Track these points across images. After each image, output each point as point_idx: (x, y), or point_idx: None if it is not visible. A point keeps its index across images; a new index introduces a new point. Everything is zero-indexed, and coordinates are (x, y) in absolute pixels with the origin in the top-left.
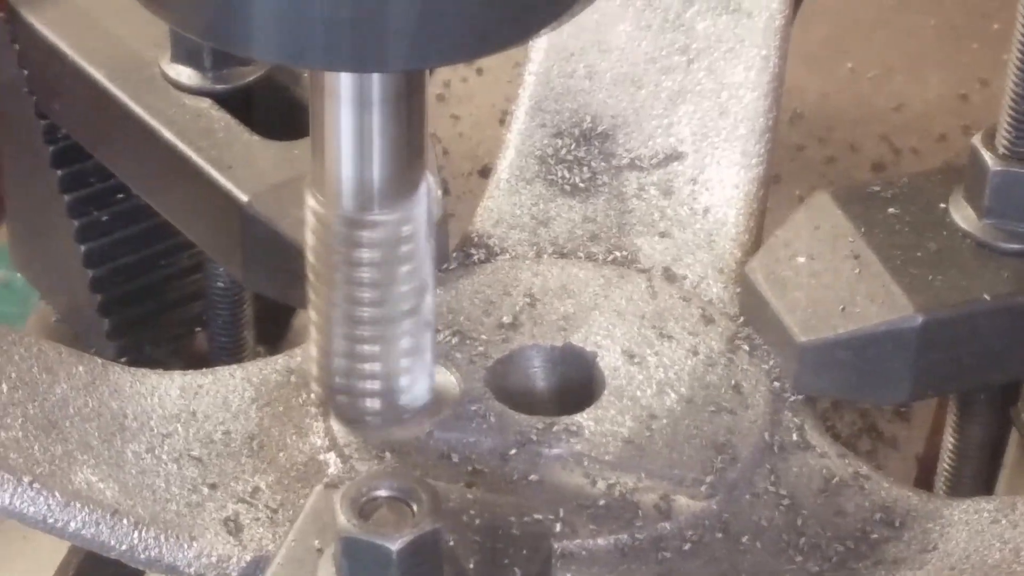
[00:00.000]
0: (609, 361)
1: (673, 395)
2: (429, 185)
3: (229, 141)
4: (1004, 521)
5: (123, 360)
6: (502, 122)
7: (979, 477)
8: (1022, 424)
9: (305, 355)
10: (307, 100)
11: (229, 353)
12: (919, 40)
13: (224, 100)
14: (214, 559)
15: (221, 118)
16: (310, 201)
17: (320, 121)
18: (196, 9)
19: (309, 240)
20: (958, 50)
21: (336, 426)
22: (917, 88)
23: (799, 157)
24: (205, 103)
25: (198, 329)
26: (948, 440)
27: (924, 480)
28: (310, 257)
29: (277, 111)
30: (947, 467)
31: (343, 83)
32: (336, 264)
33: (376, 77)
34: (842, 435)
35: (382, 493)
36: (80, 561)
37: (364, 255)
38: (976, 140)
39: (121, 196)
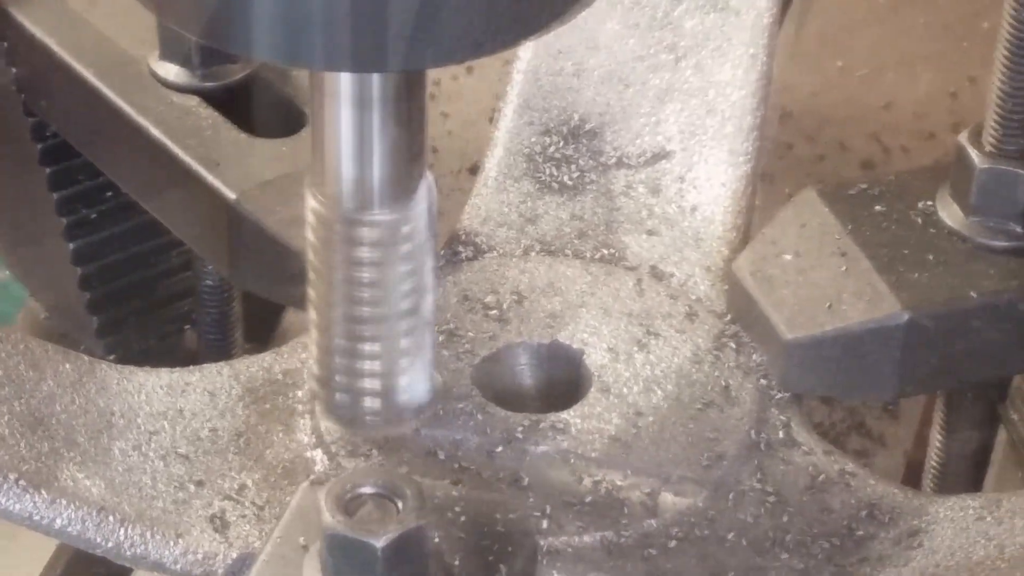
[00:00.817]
0: (596, 359)
1: (660, 392)
2: (429, 184)
3: (217, 139)
4: (989, 518)
5: (112, 357)
6: (492, 120)
7: (967, 474)
8: (1010, 421)
9: (305, 356)
10: (295, 98)
11: (218, 351)
12: (909, 38)
13: (212, 98)
14: (200, 556)
15: (209, 116)
16: (310, 201)
17: (320, 121)
18: (195, 9)
19: (309, 240)
20: (948, 48)
21: (323, 424)
22: (907, 86)
23: (788, 155)
24: (193, 101)
25: (187, 327)
26: (936, 437)
27: (912, 477)
28: (310, 257)
29: (265, 109)
30: (935, 464)
31: (343, 83)
32: (336, 264)
33: (376, 77)
34: (831, 433)
35: (367, 490)
36: (68, 560)
37: (364, 254)
38: (962, 137)
39: (110, 194)
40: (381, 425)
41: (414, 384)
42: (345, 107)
